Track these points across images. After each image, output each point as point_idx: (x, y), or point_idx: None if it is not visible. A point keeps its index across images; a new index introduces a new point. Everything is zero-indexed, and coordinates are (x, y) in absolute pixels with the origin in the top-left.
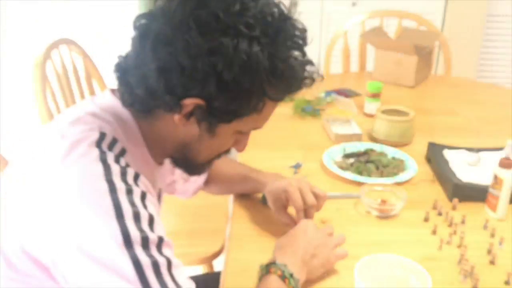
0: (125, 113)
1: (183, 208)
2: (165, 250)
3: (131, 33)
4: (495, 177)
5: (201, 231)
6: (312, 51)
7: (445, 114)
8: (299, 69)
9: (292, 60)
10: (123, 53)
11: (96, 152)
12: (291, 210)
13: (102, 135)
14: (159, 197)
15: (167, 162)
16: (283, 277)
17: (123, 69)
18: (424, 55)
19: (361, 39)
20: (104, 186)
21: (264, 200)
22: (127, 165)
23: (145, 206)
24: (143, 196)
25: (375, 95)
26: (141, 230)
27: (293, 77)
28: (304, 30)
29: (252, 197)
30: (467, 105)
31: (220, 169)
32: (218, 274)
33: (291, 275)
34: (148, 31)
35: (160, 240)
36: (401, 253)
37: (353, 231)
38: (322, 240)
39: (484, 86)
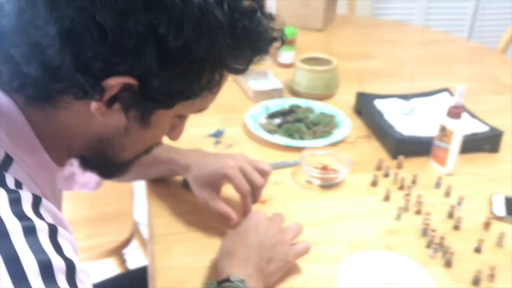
0: (6, 102)
1: (77, 192)
2: None
3: None
4: (443, 128)
5: (102, 217)
6: None
7: (363, 58)
8: (267, 27)
9: (259, 15)
10: None
11: None
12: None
13: None
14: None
15: None
16: None
17: None
18: None
19: None
20: None
21: (185, 185)
22: (18, 186)
23: (58, 249)
24: (53, 233)
25: (290, 42)
26: None
27: (260, 38)
28: None
29: (169, 182)
30: (383, 46)
31: None
32: (136, 273)
33: None
34: None
35: None
36: (357, 229)
37: (296, 208)
38: (278, 238)
39: (393, 25)
